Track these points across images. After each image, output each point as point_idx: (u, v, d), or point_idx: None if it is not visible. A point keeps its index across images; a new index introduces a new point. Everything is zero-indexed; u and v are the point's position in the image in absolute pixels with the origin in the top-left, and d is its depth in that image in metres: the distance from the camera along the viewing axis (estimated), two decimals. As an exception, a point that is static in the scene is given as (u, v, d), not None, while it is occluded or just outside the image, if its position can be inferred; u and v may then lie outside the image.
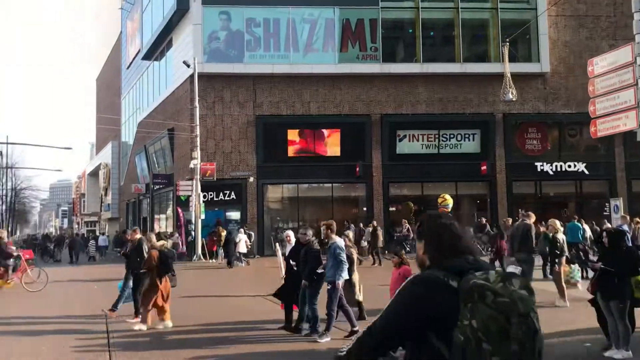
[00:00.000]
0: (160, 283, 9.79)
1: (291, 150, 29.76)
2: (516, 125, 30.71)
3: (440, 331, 2.13)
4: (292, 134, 29.87)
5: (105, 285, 15.82)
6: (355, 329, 8.49)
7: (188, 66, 27.81)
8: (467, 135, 30.41)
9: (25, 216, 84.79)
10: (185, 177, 28.77)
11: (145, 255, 10.21)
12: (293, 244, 9.80)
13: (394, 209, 30.26)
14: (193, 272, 20.52)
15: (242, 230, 24.98)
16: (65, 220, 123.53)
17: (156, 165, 36.84)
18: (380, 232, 23.30)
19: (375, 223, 24.31)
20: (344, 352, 2.37)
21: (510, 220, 17.68)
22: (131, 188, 42.09)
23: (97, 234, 48.23)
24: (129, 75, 47.42)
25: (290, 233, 10.50)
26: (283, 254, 10.75)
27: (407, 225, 26.06)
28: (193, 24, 29.51)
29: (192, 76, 27.98)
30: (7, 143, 45.26)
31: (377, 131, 29.89)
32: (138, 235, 11.13)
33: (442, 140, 30.20)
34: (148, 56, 38.45)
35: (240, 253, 23.88)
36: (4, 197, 50.39)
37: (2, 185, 48.66)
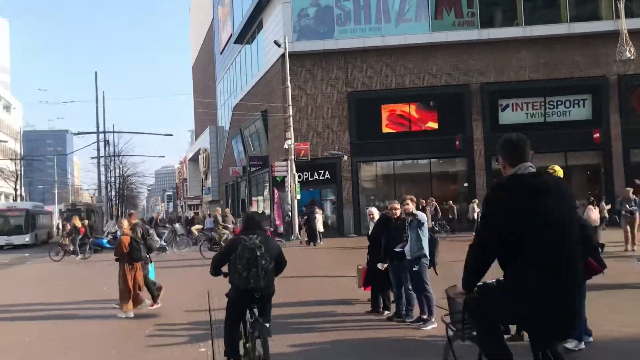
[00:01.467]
0: (130, 271, 9.52)
1: (385, 126, 28.84)
2: (633, 87, 27.88)
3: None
4: (386, 109, 28.92)
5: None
6: (424, 316, 7.72)
7: (279, 45, 27.56)
8: (576, 102, 28.07)
9: (134, 201, 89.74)
10: (280, 158, 28.71)
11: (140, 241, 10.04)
12: (376, 221, 9.06)
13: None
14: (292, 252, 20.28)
15: (318, 209, 24.65)
16: (170, 204, 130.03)
17: (252, 148, 37.23)
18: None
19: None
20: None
21: (631, 191, 15.91)
22: (229, 171, 42.97)
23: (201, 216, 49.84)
24: (223, 60, 48.25)
25: (374, 210, 9.61)
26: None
27: (434, 204, 25.21)
28: (282, 2, 29.16)
29: (282, 56, 27.73)
30: (114, 132, 47.72)
31: (477, 101, 28.28)
32: (135, 220, 10.76)
33: (549, 108, 28.06)
34: (240, 40, 38.76)
35: (319, 232, 23.79)
36: (113, 183, 53.34)
37: (111, 173, 51.47)
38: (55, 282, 14.83)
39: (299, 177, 27.34)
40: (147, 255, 10.25)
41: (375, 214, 9.37)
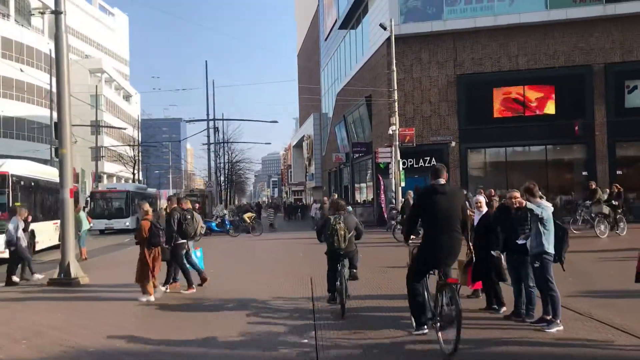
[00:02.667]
0: (150, 255, 9.57)
1: (497, 111, 27.32)
2: None
3: None
4: (498, 93, 27.36)
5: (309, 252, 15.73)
6: (547, 317, 6.88)
7: (384, 29, 26.84)
8: None
9: (242, 186, 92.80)
10: (384, 144, 28.08)
11: (174, 226, 10.25)
12: (484, 212, 8.23)
13: (620, 172, 26.19)
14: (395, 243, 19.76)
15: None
16: (276, 190, 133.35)
17: (355, 134, 36.85)
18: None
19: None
20: None
21: None
22: (332, 157, 42.93)
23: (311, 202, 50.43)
24: (327, 46, 48.16)
25: (482, 199, 8.68)
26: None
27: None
28: (388, -16, 28.35)
29: (388, 39, 26.97)
30: (223, 119, 49.31)
31: (600, 83, 26.01)
32: (174, 205, 10.73)
33: (685, 89, 25.24)
34: (344, 25, 38.37)
35: None
36: (222, 169, 55.30)
37: (221, 159, 53.35)
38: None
39: (404, 163, 26.58)
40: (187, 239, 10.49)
41: (484, 203, 8.56)
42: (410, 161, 27.54)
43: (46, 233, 20.36)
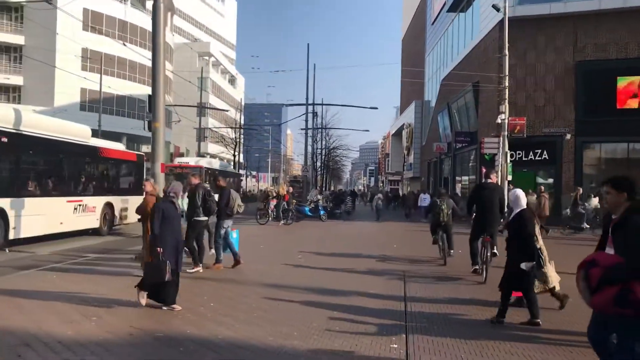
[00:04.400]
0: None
1: (621, 102, 24.66)
2: None
3: None
4: (624, 82, 24.67)
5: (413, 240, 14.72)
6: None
7: (498, 10, 24.85)
8: None
9: (338, 173, 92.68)
10: (491, 134, 26.24)
11: (199, 201, 10.23)
12: (517, 210, 7.00)
13: None
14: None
15: (545, 193, 21.63)
16: (372, 178, 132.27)
17: (459, 123, 35.04)
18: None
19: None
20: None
21: None
22: (433, 147, 41.29)
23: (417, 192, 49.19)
24: (434, 31, 46.30)
25: (519, 193, 7.16)
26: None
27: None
28: (504, -38, 26.30)
29: (501, 22, 24.97)
30: (322, 104, 48.96)
31: None
32: (197, 181, 10.77)
33: None
34: (454, 8, 36.49)
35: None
36: (319, 154, 55.17)
37: (318, 144, 53.19)
38: (254, 246, 14.86)
39: (511, 155, 24.64)
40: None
41: (518, 198, 7.21)
42: (519, 153, 25.58)
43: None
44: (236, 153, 54.11)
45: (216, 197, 10.81)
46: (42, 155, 15.01)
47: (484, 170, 25.58)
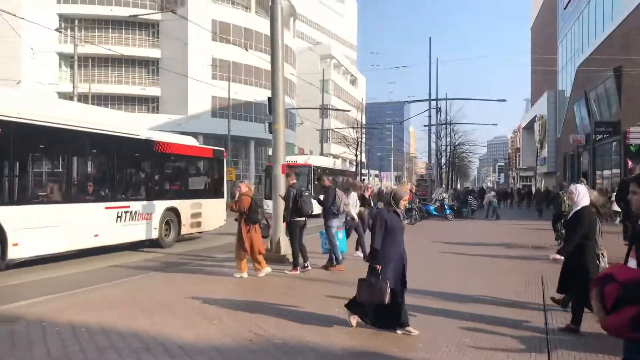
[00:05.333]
0: (248, 232, 9.50)
1: None
2: None
3: None
4: None
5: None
6: None
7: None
8: None
9: (464, 170, 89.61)
10: (637, 123, 23.68)
11: (290, 203, 10.07)
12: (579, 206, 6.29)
13: None
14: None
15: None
16: (502, 175, 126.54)
17: (598, 112, 32.13)
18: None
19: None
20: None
21: None
22: (569, 140, 38.31)
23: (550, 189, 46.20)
24: (567, 16, 43.05)
25: (580, 189, 6.42)
26: None
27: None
28: None
29: (647, -3, 22.49)
30: (446, 99, 47.40)
31: None
32: (293, 181, 10.53)
33: None
34: (589, -12, 33.60)
35: None
36: (444, 151, 53.52)
37: (442, 141, 51.62)
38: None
39: (663, 146, 22.07)
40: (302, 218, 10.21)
41: (577, 195, 6.41)
42: (672, 143, 22.81)
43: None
44: (358, 153, 54.08)
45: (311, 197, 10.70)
46: (60, 150, 11.83)
47: (629, 163, 23.14)
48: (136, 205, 13.57)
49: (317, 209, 11.15)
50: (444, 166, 55.33)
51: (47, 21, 38.36)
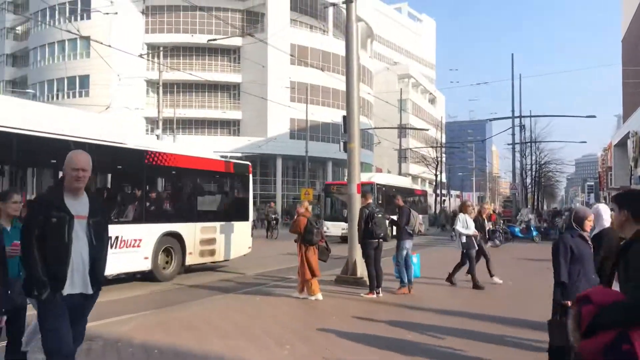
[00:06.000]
0: (303, 253, 9.36)
1: None
2: None
3: None
4: None
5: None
6: None
7: None
8: None
9: (551, 190, 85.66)
10: None
11: (362, 224, 9.78)
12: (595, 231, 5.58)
13: None
14: None
15: None
16: (592, 195, 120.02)
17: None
18: None
19: None
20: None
21: None
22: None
23: None
24: (662, 24, 40.43)
25: (602, 210, 5.73)
26: None
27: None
28: None
29: None
30: (530, 116, 45.57)
31: None
32: (369, 201, 10.11)
33: None
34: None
35: None
36: (529, 170, 51.38)
37: (527, 159, 49.60)
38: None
39: None
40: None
41: (595, 217, 5.58)
42: None
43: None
44: (438, 172, 52.96)
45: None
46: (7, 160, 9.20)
47: None
48: (117, 230, 10.70)
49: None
50: (529, 186, 53.03)
51: (136, 50, 40.47)
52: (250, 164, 15.96)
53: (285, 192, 52.33)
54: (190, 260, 12.90)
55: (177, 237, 12.52)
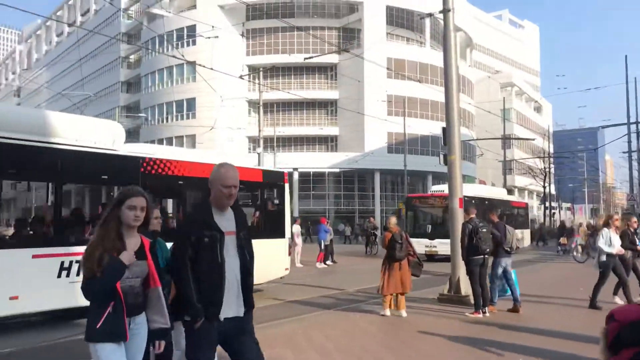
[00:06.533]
0: (386, 268, 9.19)
1: None
2: None
3: None
4: None
5: None
6: None
7: None
8: None
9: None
10: None
11: (466, 240, 9.37)
12: None
13: None
14: None
15: None
16: None
17: None
18: None
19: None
20: None
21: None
22: None
23: None
24: None
25: None
26: None
27: None
28: None
29: None
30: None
31: None
32: (471, 215, 9.54)
33: None
34: None
35: None
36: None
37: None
38: (560, 286, 12.86)
39: None
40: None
41: None
42: None
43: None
44: (546, 184, 50.31)
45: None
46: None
47: None
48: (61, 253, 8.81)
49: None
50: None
51: (237, 72, 42.06)
52: (285, 171, 14.07)
53: (384, 206, 51.90)
54: None
55: None
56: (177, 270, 3.56)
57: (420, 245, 20.24)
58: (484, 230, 9.47)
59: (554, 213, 57.10)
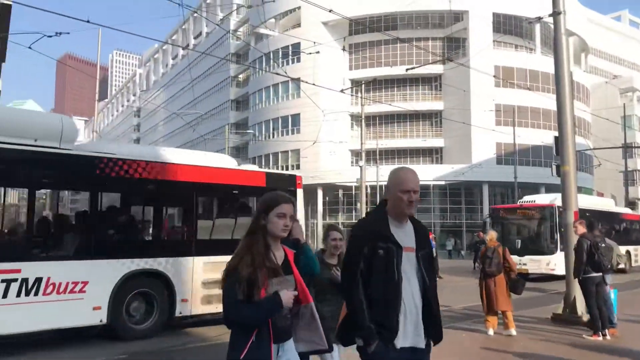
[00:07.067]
0: (484, 284, 8.92)
1: None
2: None
3: None
4: None
5: None
6: None
7: None
8: None
9: None
10: None
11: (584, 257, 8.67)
12: None
13: None
14: None
15: None
16: None
17: None
18: None
19: None
20: None
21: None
22: None
23: None
24: None
25: None
26: None
27: None
28: None
29: None
30: None
31: None
32: (582, 230, 8.91)
33: None
34: None
35: None
36: None
37: None
38: None
39: None
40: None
41: None
42: None
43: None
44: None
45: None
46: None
47: None
48: (46, 269, 7.92)
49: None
50: None
51: (340, 86, 42.48)
52: (298, 175, 12.10)
53: (494, 220, 49.88)
54: (183, 309, 9.45)
55: (161, 278, 9.22)
56: (347, 287, 3.18)
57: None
58: (603, 245, 8.84)
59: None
